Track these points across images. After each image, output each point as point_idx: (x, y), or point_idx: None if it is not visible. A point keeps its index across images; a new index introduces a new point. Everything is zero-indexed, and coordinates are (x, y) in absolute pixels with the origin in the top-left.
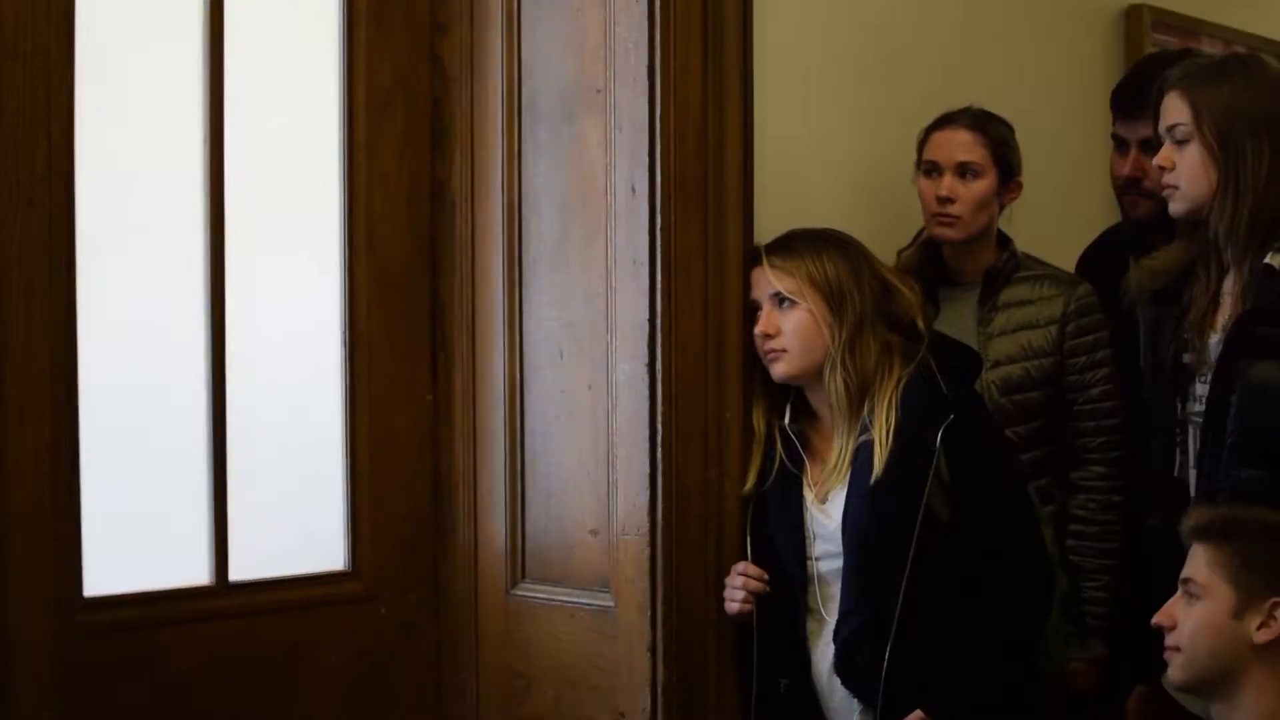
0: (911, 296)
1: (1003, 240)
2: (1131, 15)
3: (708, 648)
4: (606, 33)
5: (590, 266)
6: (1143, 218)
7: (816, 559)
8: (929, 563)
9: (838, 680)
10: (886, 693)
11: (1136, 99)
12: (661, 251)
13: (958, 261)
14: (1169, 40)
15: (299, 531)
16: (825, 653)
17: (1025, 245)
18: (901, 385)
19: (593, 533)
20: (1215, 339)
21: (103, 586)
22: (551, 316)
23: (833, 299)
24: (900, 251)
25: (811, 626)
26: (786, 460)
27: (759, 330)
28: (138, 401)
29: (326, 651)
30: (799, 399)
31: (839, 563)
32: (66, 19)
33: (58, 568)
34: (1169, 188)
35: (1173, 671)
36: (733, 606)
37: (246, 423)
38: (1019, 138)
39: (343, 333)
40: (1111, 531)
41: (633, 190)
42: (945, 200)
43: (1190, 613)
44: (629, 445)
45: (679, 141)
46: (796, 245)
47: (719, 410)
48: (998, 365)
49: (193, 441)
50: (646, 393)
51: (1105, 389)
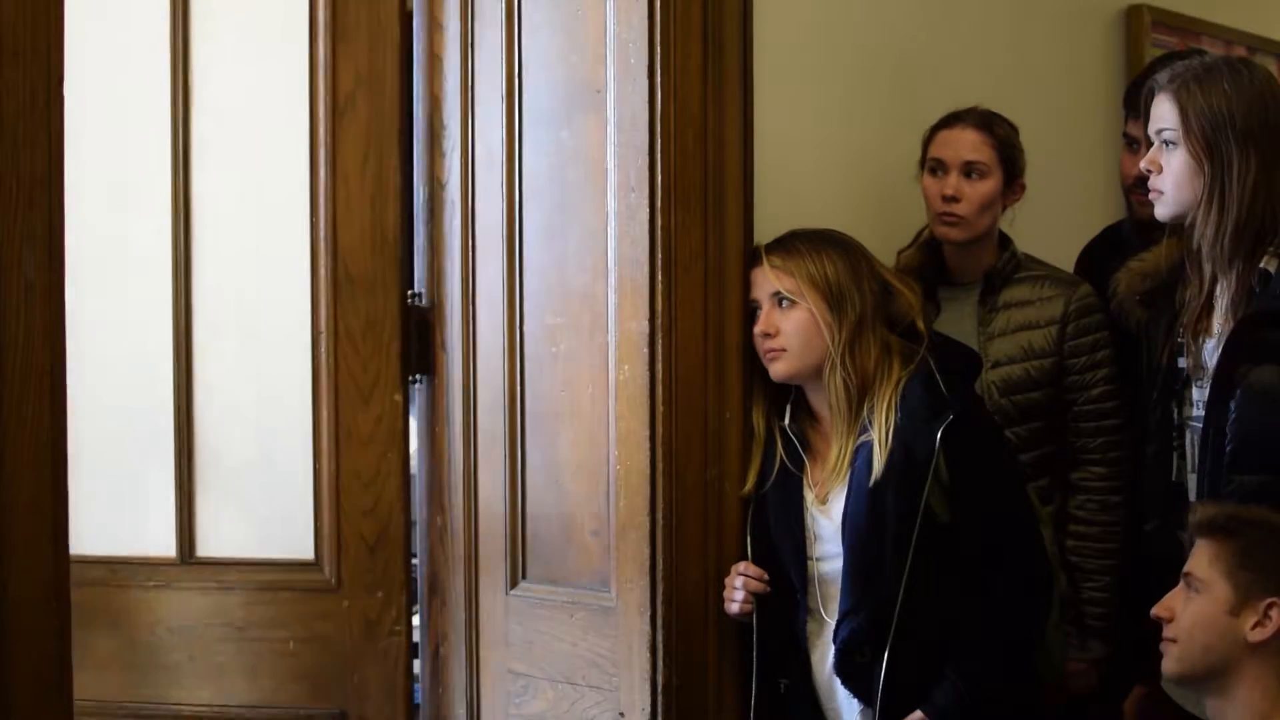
0: (912, 297)
1: (1003, 241)
2: (1131, 15)
3: (708, 648)
4: (606, 33)
5: (590, 266)
6: (1150, 217)
7: (816, 559)
8: (929, 563)
9: (838, 680)
10: (886, 693)
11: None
12: (661, 251)
13: (958, 262)
14: (1169, 40)
15: (273, 521)
16: (825, 653)
17: (1025, 245)
18: (901, 386)
19: (593, 533)
20: (1210, 343)
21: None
22: (551, 316)
23: (833, 299)
24: (900, 251)
25: (811, 627)
26: (786, 460)
27: (759, 330)
28: (118, 388)
29: (286, 636)
30: (799, 399)
31: (839, 563)
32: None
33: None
34: (1154, 191)
35: (1167, 663)
36: (733, 607)
37: (219, 414)
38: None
39: (311, 332)
40: (1111, 532)
41: (633, 190)
42: (950, 199)
43: (1189, 606)
44: (629, 445)
45: (679, 141)
46: (797, 245)
47: (719, 410)
48: (998, 365)
49: (164, 429)
50: (647, 393)
51: (1105, 389)
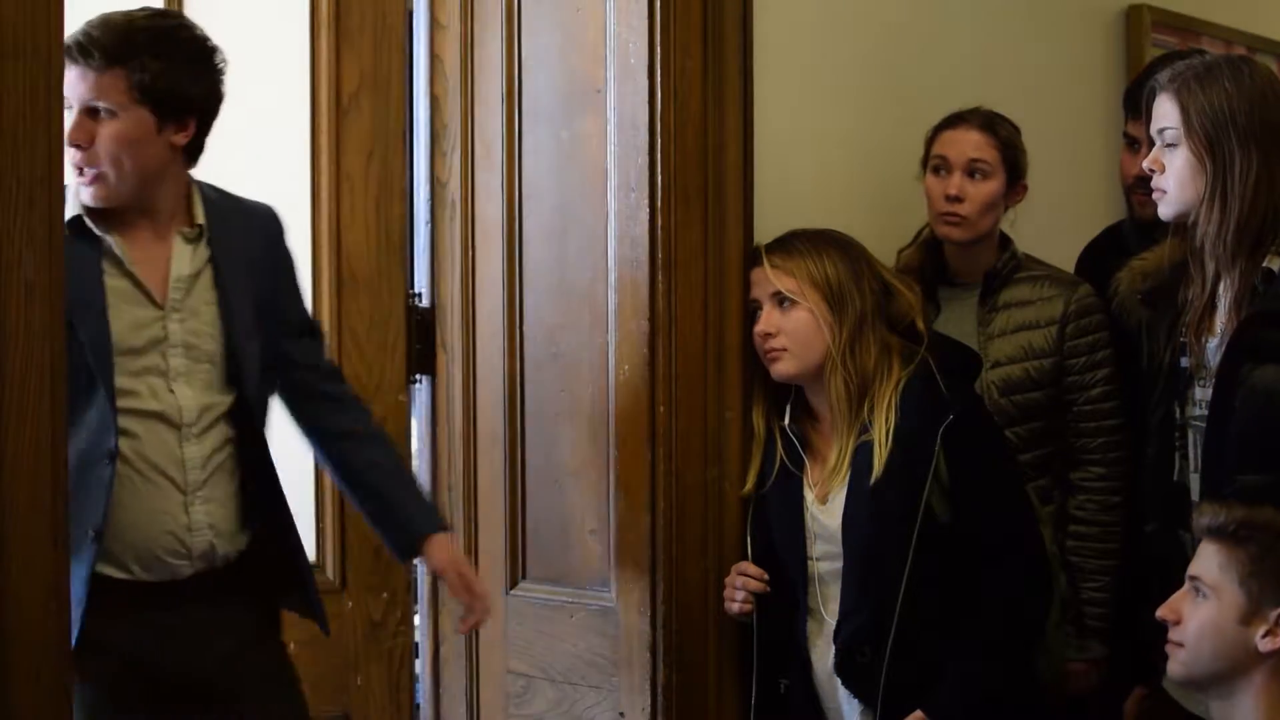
0: (912, 297)
1: (1003, 241)
2: (1131, 15)
3: (708, 648)
4: (606, 32)
5: (590, 266)
6: (1151, 217)
7: (816, 559)
8: (929, 563)
9: (838, 681)
10: (886, 693)
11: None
12: (661, 251)
13: (959, 262)
14: (1169, 40)
15: None
16: (825, 653)
17: (1025, 245)
18: (901, 386)
19: (592, 533)
20: (1213, 343)
21: None
22: (551, 316)
23: (833, 299)
24: (900, 251)
25: (811, 627)
26: (787, 460)
27: (759, 330)
28: None
29: (288, 637)
30: (799, 399)
31: (839, 563)
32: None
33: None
34: (1157, 190)
35: (1173, 666)
36: (733, 607)
37: None
38: None
39: None
40: (1111, 532)
41: (632, 190)
42: (954, 199)
43: (1196, 611)
44: (629, 445)
45: (679, 141)
46: (797, 245)
47: (719, 410)
48: (998, 366)
49: None
50: (647, 393)
51: (1105, 389)
